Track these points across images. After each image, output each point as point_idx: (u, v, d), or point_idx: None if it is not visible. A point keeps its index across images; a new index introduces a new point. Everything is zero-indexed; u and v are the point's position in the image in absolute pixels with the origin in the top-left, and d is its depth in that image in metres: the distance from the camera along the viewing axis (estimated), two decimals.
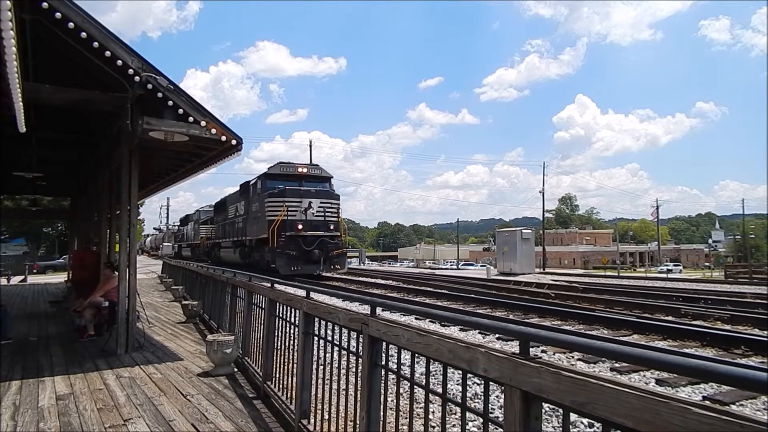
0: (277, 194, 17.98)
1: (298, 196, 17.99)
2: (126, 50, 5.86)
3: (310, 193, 18.31)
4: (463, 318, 2.25)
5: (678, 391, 4.46)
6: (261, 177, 19.48)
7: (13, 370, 5.52)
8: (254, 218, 19.73)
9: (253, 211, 20.01)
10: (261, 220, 18.51)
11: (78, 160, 11.74)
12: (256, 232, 19.23)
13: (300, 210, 17.73)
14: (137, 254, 8.55)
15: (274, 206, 17.76)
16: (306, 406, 3.52)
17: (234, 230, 23.23)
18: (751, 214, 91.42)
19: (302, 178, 19.21)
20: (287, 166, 19.33)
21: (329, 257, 17.85)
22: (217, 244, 26.92)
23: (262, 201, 18.60)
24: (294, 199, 17.84)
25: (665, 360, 1.28)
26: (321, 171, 19.87)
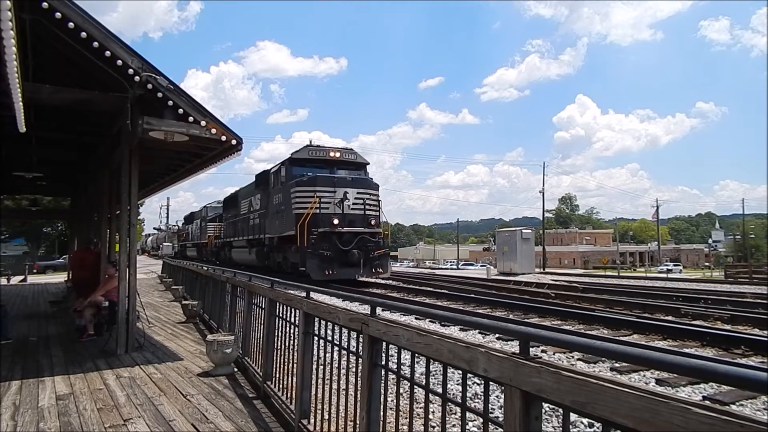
0: (306, 183, 15.10)
1: (332, 185, 15.01)
2: (126, 50, 5.86)
3: (346, 182, 15.29)
4: (463, 318, 2.25)
5: (678, 391, 4.46)
6: (285, 163, 16.46)
7: (13, 370, 5.52)
8: (276, 212, 16.88)
9: (274, 204, 17.10)
10: (285, 214, 15.78)
11: (78, 160, 11.73)
12: (278, 228, 16.55)
13: (333, 202, 14.85)
14: (137, 254, 8.55)
15: (303, 197, 14.97)
16: (306, 406, 3.52)
17: (248, 228, 20.60)
18: (751, 214, 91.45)
19: (334, 163, 16.16)
20: (316, 150, 16.21)
21: (370, 259, 14.99)
22: (228, 244, 24.36)
23: (287, 191, 15.77)
24: (327, 189, 14.89)
25: (665, 360, 1.28)
26: (356, 156, 16.68)
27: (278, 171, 17.16)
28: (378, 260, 15.33)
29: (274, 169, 17.77)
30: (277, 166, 17.37)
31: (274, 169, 17.61)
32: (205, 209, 31.84)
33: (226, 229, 25.20)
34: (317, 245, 14.25)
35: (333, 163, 16.25)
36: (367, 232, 15.20)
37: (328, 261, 14.27)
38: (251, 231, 20.09)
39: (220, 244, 26.29)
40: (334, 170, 16.02)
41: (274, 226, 17.12)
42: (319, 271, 14.10)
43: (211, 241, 28.49)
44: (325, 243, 14.34)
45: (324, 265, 14.20)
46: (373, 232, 15.45)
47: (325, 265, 14.21)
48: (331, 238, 14.46)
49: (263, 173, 18.93)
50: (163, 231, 58.06)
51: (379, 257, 15.36)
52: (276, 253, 17.41)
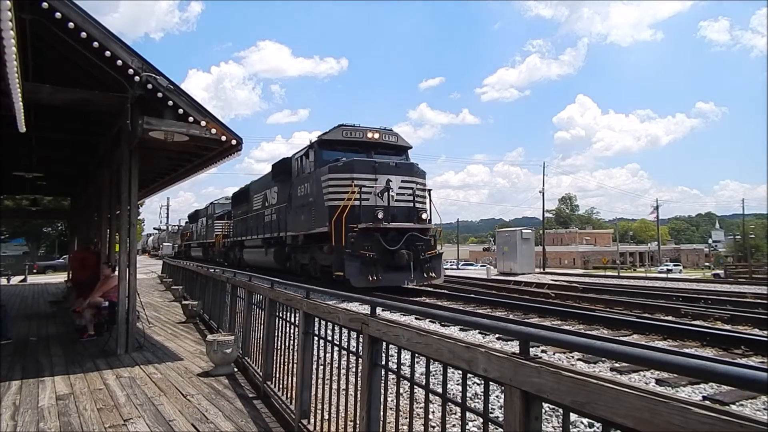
0: (342, 168, 12.60)
1: (372, 171, 12.46)
2: (126, 50, 5.86)
3: (389, 168, 12.69)
4: (463, 318, 2.26)
5: (678, 391, 4.46)
6: (313, 146, 13.87)
7: (13, 370, 5.52)
8: (301, 206, 14.32)
9: (298, 196, 14.63)
10: (315, 207, 13.25)
11: (78, 160, 11.74)
12: (304, 225, 14.02)
13: (374, 192, 12.30)
14: (138, 254, 8.56)
15: (338, 186, 12.41)
16: (306, 406, 3.52)
17: (263, 225, 18.15)
18: (751, 214, 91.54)
19: (372, 146, 13.57)
20: (351, 130, 13.54)
21: (420, 261, 12.29)
22: (238, 244, 22.02)
23: (316, 180, 13.28)
24: (367, 176, 12.36)
25: (665, 360, 1.28)
26: (397, 138, 14.12)
27: (304, 156, 14.41)
28: (429, 262, 12.61)
29: (298, 154, 14.99)
30: (302, 151, 14.66)
31: (299, 155, 14.86)
32: (212, 206, 29.50)
33: (236, 228, 23.00)
34: (357, 244, 11.60)
35: (371, 146, 13.57)
36: (416, 228, 12.55)
37: (371, 264, 11.68)
38: (267, 229, 17.68)
39: (230, 244, 24.06)
40: (371, 154, 13.36)
41: (298, 222, 14.54)
42: (361, 276, 11.47)
43: (218, 241, 26.27)
44: (367, 242, 11.73)
45: (367, 268, 11.59)
46: (424, 228, 12.80)
47: (369, 268, 11.60)
48: (375, 235, 11.85)
49: (282, 162, 16.29)
50: (164, 231, 58.11)
51: (431, 259, 12.67)
52: (300, 254, 15.00)
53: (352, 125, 13.79)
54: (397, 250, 11.91)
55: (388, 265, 11.90)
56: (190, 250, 35.59)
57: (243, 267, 19.71)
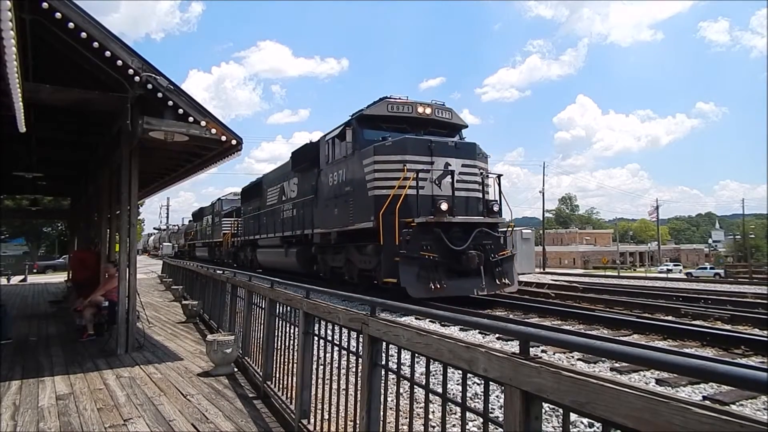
0: (391, 149, 10.26)
1: (427, 152, 10.15)
2: (126, 50, 5.86)
3: (447, 149, 10.36)
4: (463, 318, 2.25)
5: (678, 391, 4.46)
6: (352, 123, 11.32)
7: (13, 370, 5.52)
8: (334, 197, 12.01)
9: (330, 186, 12.28)
10: (354, 197, 10.98)
11: (78, 160, 11.75)
12: (338, 219, 11.65)
13: (430, 178, 10.02)
14: (138, 254, 8.56)
15: (387, 170, 10.13)
16: (306, 405, 3.53)
17: (282, 221, 15.95)
18: (751, 214, 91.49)
19: (423, 124, 11.31)
20: (399, 104, 11.16)
21: (490, 264, 9.98)
22: (250, 243, 20.00)
23: (356, 164, 10.92)
24: (421, 159, 10.07)
25: (665, 360, 1.28)
26: (452, 115, 11.75)
27: (337, 138, 12.01)
28: (501, 266, 10.23)
29: (329, 135, 12.56)
30: (335, 131, 12.13)
31: (330, 136, 12.44)
32: (219, 202, 27.17)
33: (247, 225, 20.84)
34: (414, 243, 9.34)
35: (420, 124, 11.31)
36: (486, 222, 10.29)
37: (432, 268, 9.38)
38: (286, 226, 15.50)
39: (240, 243, 21.83)
40: (421, 134, 11.05)
41: (328, 217, 12.27)
42: (421, 284, 9.24)
43: (227, 240, 24.00)
44: (426, 240, 9.50)
45: (427, 274, 9.34)
46: (493, 222, 10.48)
47: (429, 274, 9.35)
48: (435, 232, 9.57)
49: (305, 148, 14.17)
50: (164, 231, 58.13)
51: (502, 261, 10.32)
52: (330, 256, 12.83)
53: (398, 99, 11.36)
54: (464, 251, 9.57)
55: (452, 270, 9.64)
56: (195, 250, 33.86)
57: (256, 269, 18.41)
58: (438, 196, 10.00)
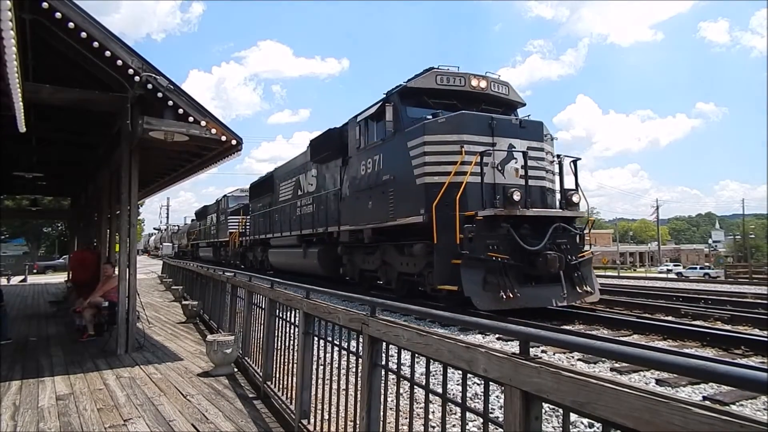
0: (445, 127, 8.59)
1: (488, 131, 8.55)
2: (126, 50, 5.86)
3: (510, 128, 8.80)
4: (463, 318, 2.25)
5: (678, 391, 4.46)
6: (392, 98, 9.68)
7: (13, 370, 5.52)
8: (367, 188, 10.36)
9: (362, 175, 10.61)
10: (396, 186, 9.32)
11: (78, 160, 11.74)
12: (374, 214, 10.01)
13: (491, 163, 8.45)
14: (138, 254, 8.57)
15: (441, 152, 8.53)
16: (306, 406, 3.53)
17: (298, 218, 14.54)
18: (751, 214, 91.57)
19: (476, 100, 9.65)
20: (449, 75, 9.55)
21: (569, 268, 8.27)
22: (261, 242, 18.58)
23: (399, 146, 9.28)
24: (481, 139, 8.50)
25: (665, 360, 1.28)
26: (509, 90, 10.13)
27: (370, 120, 10.38)
28: (580, 270, 8.51)
29: (362, 115, 10.73)
30: (370, 110, 10.38)
31: (363, 116, 10.65)
32: (225, 199, 25.67)
33: (257, 224, 19.45)
34: (479, 242, 7.71)
35: (473, 100, 9.57)
36: (565, 217, 8.62)
37: (502, 273, 7.71)
38: (304, 223, 14.05)
39: (249, 243, 20.44)
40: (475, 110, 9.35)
41: (361, 211, 10.58)
42: (488, 292, 7.56)
43: (233, 240, 22.71)
44: (493, 238, 7.83)
45: (496, 280, 7.61)
46: (571, 216, 8.76)
47: (499, 280, 7.63)
48: (504, 228, 7.85)
49: (328, 134, 12.47)
50: (164, 231, 58.14)
51: (581, 264, 8.58)
52: (362, 256, 11.21)
53: (448, 70, 9.69)
54: (540, 251, 7.84)
55: (526, 275, 8.01)
56: (198, 250, 32.53)
57: (266, 271, 17.40)
58: (503, 184, 8.42)
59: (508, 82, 10.21)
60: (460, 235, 7.76)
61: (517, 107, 10.44)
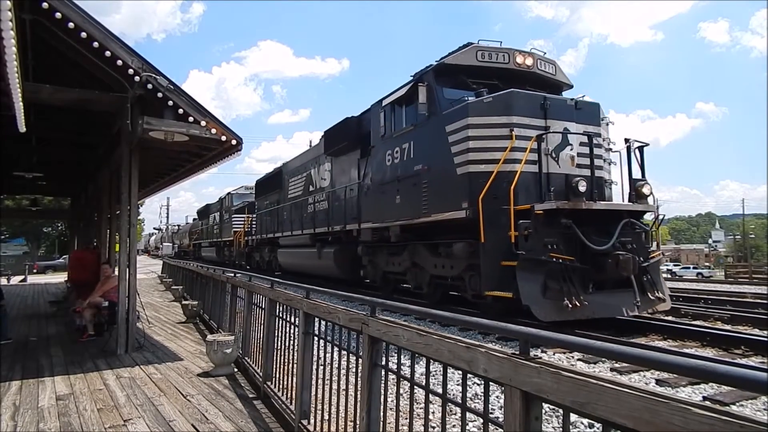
0: (492, 107, 7.59)
1: (539, 113, 7.63)
2: (126, 50, 5.86)
3: (564, 110, 7.80)
4: (463, 318, 2.25)
5: (678, 391, 4.46)
6: (426, 77, 8.63)
7: (13, 370, 5.52)
8: (395, 180, 9.37)
9: (389, 165, 9.59)
10: (431, 178, 8.36)
11: (78, 160, 11.74)
12: (404, 209, 9.04)
13: (544, 150, 7.44)
14: (138, 254, 8.57)
15: (487, 137, 7.54)
16: (306, 406, 3.52)
17: (311, 216, 13.68)
18: (751, 214, 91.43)
19: (520, 79, 8.45)
20: (492, 51, 8.49)
21: (641, 271, 7.26)
22: (269, 242, 17.75)
23: (435, 131, 8.30)
24: (533, 122, 7.56)
25: (665, 360, 1.28)
26: (555, 69, 9.03)
27: (400, 102, 9.35)
28: (649, 273, 7.46)
29: (389, 98, 9.63)
30: (400, 90, 9.30)
31: (391, 99, 9.54)
32: (229, 197, 24.82)
33: (264, 222, 18.59)
34: (537, 240, 6.73)
35: (518, 79, 8.41)
36: (635, 211, 7.56)
37: (564, 277, 6.67)
38: (318, 221, 13.18)
39: (256, 243, 19.60)
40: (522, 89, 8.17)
41: (387, 206, 9.55)
42: (550, 300, 6.55)
43: (238, 239, 21.95)
44: (552, 236, 6.83)
45: (559, 286, 6.61)
46: (642, 211, 7.72)
47: (562, 286, 6.61)
48: (564, 225, 6.82)
49: (345, 123, 11.62)
50: (162, 231, 58.17)
51: (650, 267, 7.49)
52: (386, 257, 10.22)
53: (488, 46, 8.60)
54: (609, 252, 6.85)
55: (592, 280, 6.98)
56: (201, 250, 31.79)
57: (274, 272, 16.75)
58: (558, 174, 7.44)
59: (554, 60, 9.12)
60: (515, 232, 6.70)
61: (563, 89, 9.32)
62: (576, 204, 7.02)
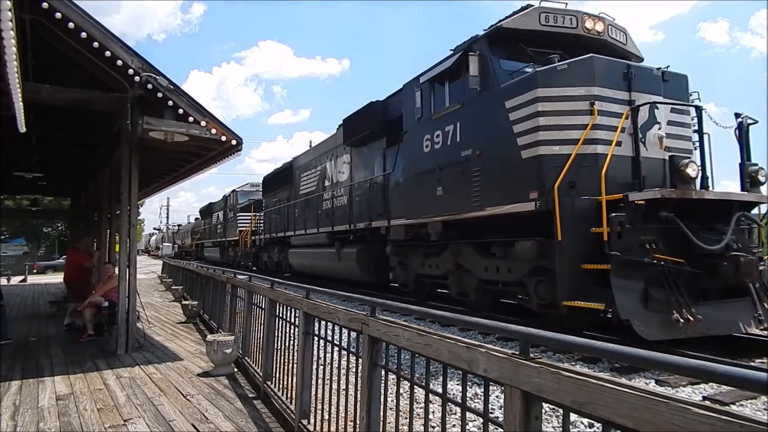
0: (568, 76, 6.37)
1: (622, 84, 6.49)
2: (126, 50, 5.86)
3: (651, 82, 6.67)
4: (464, 318, 2.25)
5: (678, 391, 4.46)
6: (477, 46, 7.33)
7: (13, 370, 5.52)
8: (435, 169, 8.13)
9: (428, 152, 8.41)
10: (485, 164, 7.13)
11: (78, 160, 11.73)
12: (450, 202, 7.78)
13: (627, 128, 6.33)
14: (138, 254, 8.55)
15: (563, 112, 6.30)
16: (306, 406, 3.53)
17: (329, 213, 12.64)
18: None
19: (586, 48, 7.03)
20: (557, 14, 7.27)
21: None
22: (279, 241, 16.76)
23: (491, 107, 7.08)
24: (615, 94, 6.44)
25: (665, 360, 1.28)
26: (626, 38, 7.77)
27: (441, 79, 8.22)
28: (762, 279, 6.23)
29: (430, 74, 8.47)
30: (445, 63, 8.07)
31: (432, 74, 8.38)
32: (234, 195, 23.68)
33: (272, 220, 17.61)
34: (634, 238, 5.53)
35: (586, 48, 7.00)
36: (747, 202, 6.36)
37: (671, 284, 5.46)
38: (337, 218, 12.07)
39: (264, 242, 18.61)
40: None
41: (425, 199, 8.40)
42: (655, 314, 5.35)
43: (244, 239, 20.96)
44: (647, 232, 5.63)
45: (665, 296, 5.40)
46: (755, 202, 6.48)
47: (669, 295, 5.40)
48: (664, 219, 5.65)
49: (370, 108, 10.54)
50: (162, 231, 58.18)
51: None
52: (422, 259, 9.13)
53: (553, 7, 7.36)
54: (723, 252, 5.65)
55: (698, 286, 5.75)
56: (204, 250, 30.86)
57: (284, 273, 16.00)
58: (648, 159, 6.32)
59: (624, 28, 7.81)
60: (607, 228, 5.47)
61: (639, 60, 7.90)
62: (684, 192, 5.71)
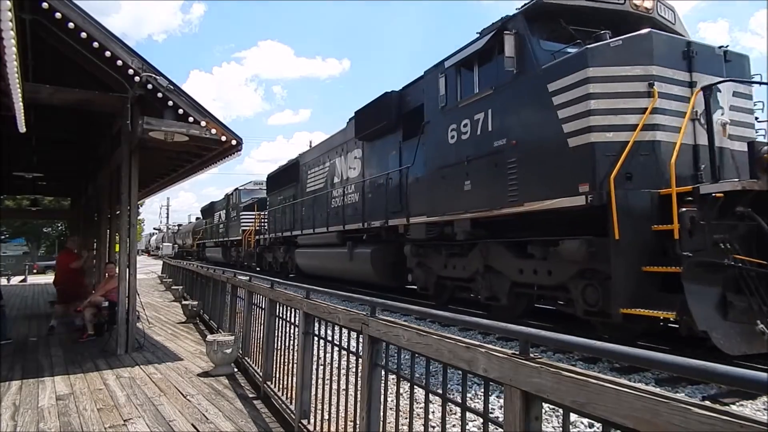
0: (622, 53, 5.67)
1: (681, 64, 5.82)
2: (126, 50, 5.86)
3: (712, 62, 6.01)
4: (464, 318, 2.25)
5: (678, 391, 4.46)
6: (512, 24, 6.65)
7: (13, 370, 5.52)
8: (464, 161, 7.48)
9: (453, 143, 7.76)
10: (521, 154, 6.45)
11: (78, 160, 11.74)
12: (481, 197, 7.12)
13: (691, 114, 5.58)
14: (138, 254, 8.54)
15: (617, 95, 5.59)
16: (306, 406, 3.52)
17: (339, 211, 11.97)
18: None
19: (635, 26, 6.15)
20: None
21: None
22: (284, 241, 16.16)
23: (530, 90, 6.39)
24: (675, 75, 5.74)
25: (665, 360, 1.28)
26: (675, 17, 7.01)
27: (476, 59, 7.48)
28: None
29: (457, 57, 7.80)
30: (475, 45, 7.43)
31: (461, 57, 7.71)
32: (237, 193, 23.04)
33: (277, 219, 16.92)
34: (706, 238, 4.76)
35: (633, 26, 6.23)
36: None
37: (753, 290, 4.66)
38: (349, 216, 11.44)
39: (269, 242, 17.85)
40: None
41: (451, 195, 7.74)
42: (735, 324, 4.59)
43: (247, 238, 20.36)
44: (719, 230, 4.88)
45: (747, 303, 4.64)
46: None
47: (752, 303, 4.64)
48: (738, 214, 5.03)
49: (384, 100, 9.93)
50: (162, 231, 58.20)
51: None
52: (445, 259, 8.51)
53: None
54: None
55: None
56: (205, 250, 30.26)
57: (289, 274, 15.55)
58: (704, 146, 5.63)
59: (673, 7, 7.09)
60: (677, 224, 4.78)
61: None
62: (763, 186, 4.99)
